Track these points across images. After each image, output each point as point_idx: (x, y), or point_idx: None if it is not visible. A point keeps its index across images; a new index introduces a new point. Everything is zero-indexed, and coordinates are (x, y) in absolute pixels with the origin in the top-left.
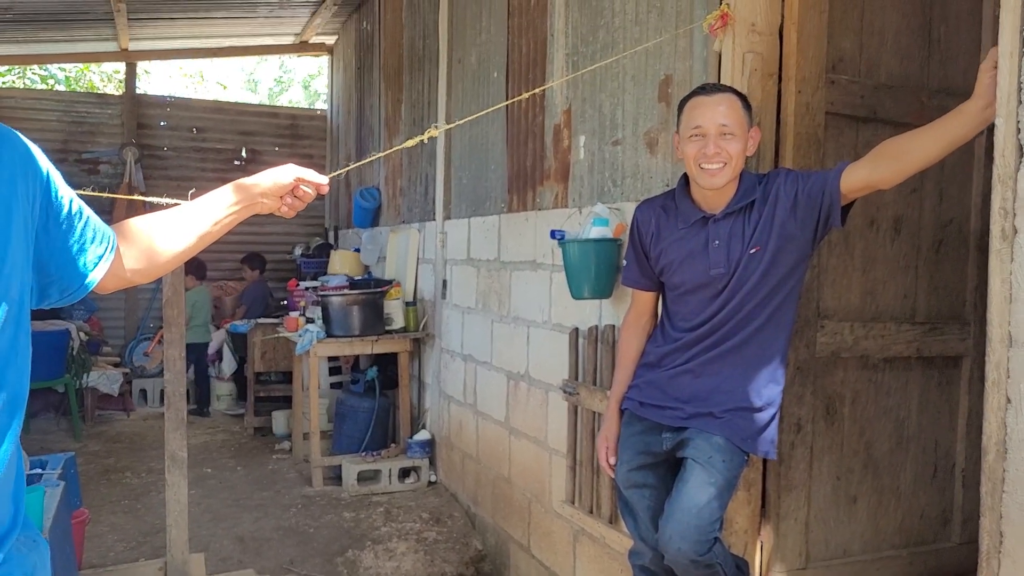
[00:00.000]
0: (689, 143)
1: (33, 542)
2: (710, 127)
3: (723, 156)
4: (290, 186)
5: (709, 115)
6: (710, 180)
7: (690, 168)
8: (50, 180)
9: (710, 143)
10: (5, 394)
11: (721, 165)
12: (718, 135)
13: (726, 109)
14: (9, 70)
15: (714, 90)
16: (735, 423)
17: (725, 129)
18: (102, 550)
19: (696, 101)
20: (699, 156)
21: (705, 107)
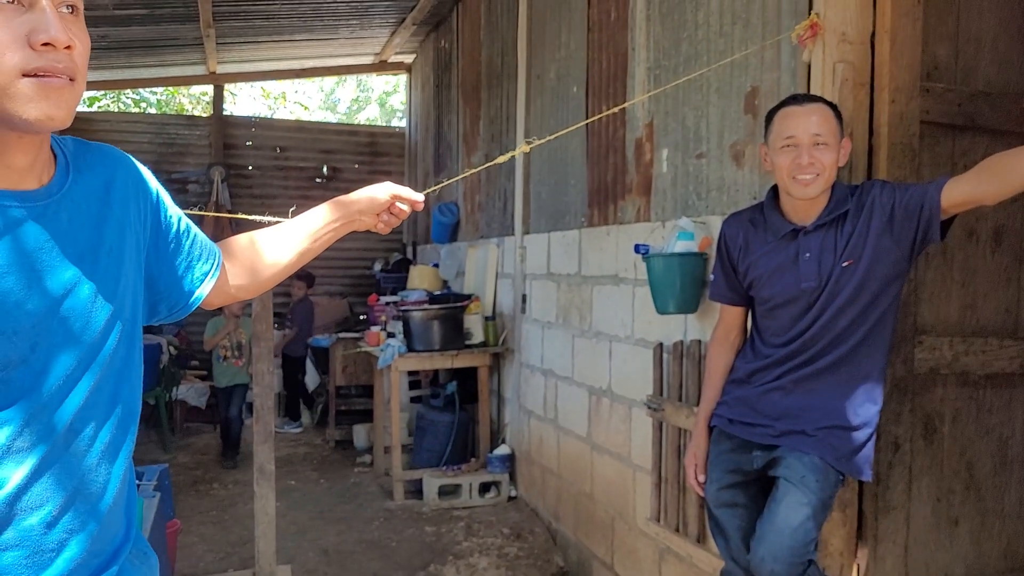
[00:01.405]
0: (781, 154)
1: (144, 555)
2: (803, 137)
3: (817, 167)
4: (387, 203)
5: (802, 125)
6: (803, 191)
7: (782, 179)
8: (160, 200)
9: (803, 153)
10: (120, 409)
11: (814, 176)
12: (811, 145)
13: (819, 119)
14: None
15: (806, 100)
16: (829, 442)
17: (819, 139)
18: (192, 560)
19: (788, 111)
20: (792, 167)
21: (798, 117)
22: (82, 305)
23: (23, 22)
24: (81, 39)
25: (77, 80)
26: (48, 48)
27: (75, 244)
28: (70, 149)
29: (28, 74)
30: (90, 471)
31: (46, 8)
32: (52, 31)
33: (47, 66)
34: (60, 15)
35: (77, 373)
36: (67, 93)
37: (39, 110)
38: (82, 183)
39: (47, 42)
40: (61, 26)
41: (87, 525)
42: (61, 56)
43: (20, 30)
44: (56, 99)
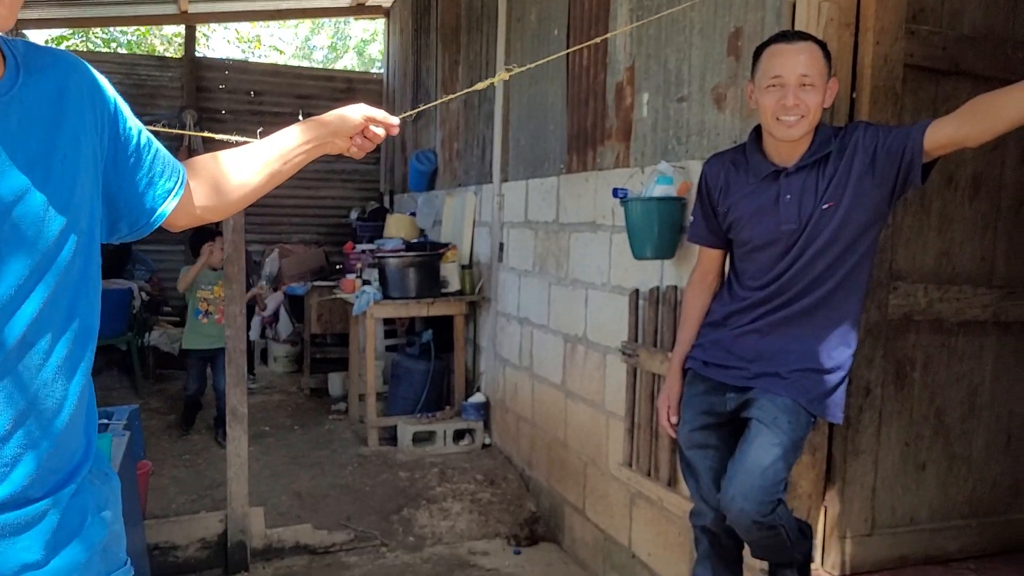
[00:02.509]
0: (766, 93)
1: (105, 475)
2: (790, 77)
3: (802, 108)
4: (360, 125)
5: (790, 64)
6: (787, 132)
7: (765, 119)
8: (118, 111)
9: (789, 94)
10: (77, 323)
11: (799, 117)
12: (798, 86)
13: (807, 58)
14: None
15: (795, 38)
16: (802, 384)
17: (806, 80)
18: (164, 502)
19: (776, 49)
20: (776, 107)
21: (786, 55)
22: (34, 212)
23: None
24: None
25: None
26: None
27: (25, 149)
28: (20, 51)
29: None
30: (45, 386)
31: None
32: None
33: None
34: None
35: (30, 283)
36: None
37: None
38: (33, 86)
39: None
40: None
41: (42, 441)
42: None
43: None
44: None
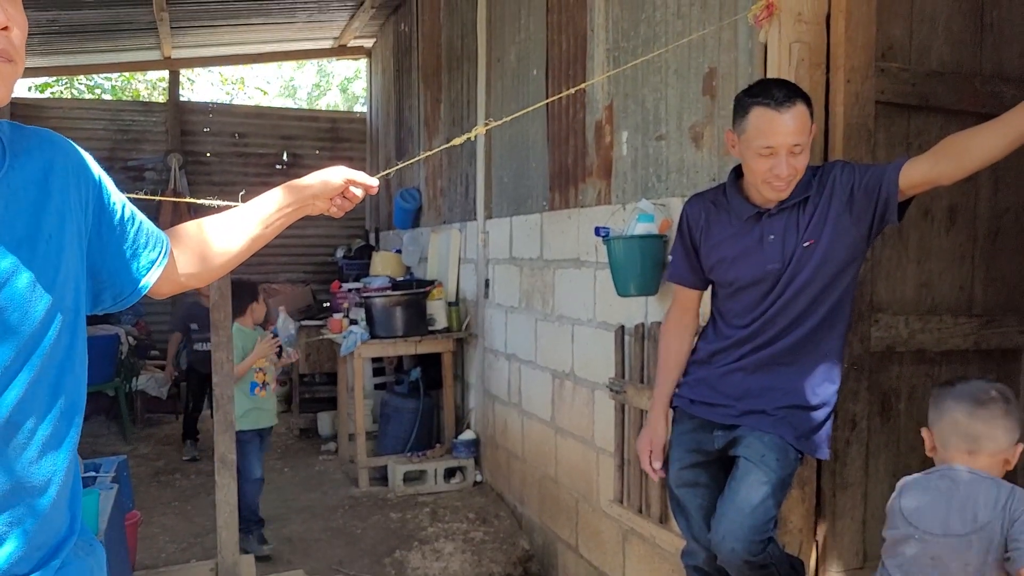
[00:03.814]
0: (758, 159)
1: (90, 546)
2: (781, 148)
3: (793, 174)
4: (340, 187)
5: (781, 135)
6: (777, 195)
7: (754, 179)
8: (102, 186)
9: (782, 163)
10: (63, 400)
11: (789, 181)
12: (789, 154)
13: (797, 126)
14: (57, 80)
15: (784, 100)
16: (789, 421)
17: (797, 149)
18: (154, 551)
19: (766, 116)
20: (769, 175)
21: (777, 125)
22: (20, 295)
23: None
24: (18, 21)
25: (15, 61)
26: None
27: (11, 232)
28: (6, 133)
29: None
30: (30, 465)
31: None
32: None
33: None
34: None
35: (16, 366)
36: (6, 72)
37: None
38: (19, 168)
39: None
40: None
41: (28, 519)
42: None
43: None
44: None
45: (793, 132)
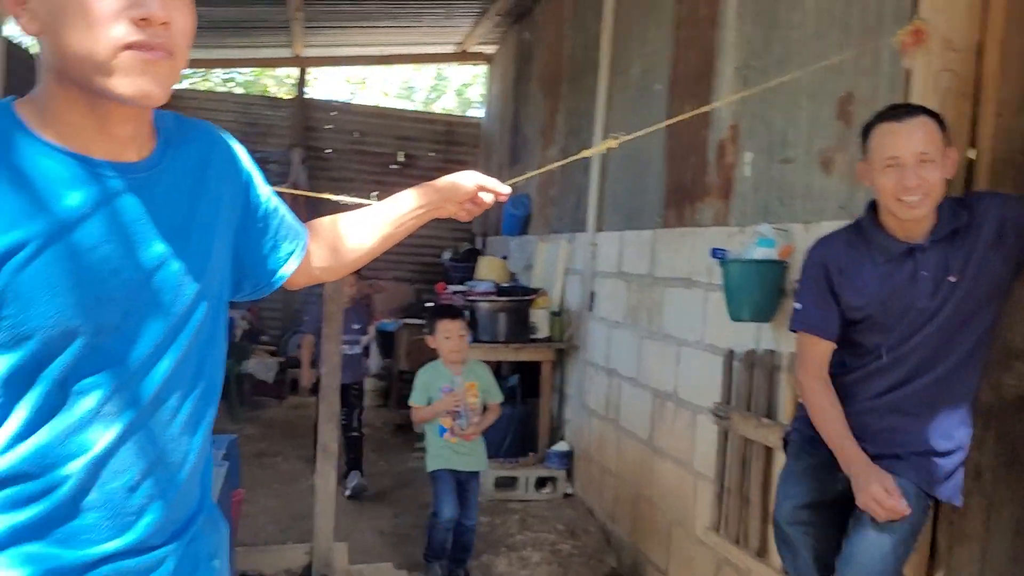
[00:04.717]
0: (884, 174)
1: (216, 523)
2: (908, 156)
3: (924, 187)
4: (472, 192)
5: (904, 143)
6: (910, 212)
7: (886, 200)
8: (252, 180)
9: (909, 174)
10: (204, 384)
11: (922, 196)
12: (917, 164)
13: (924, 134)
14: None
15: (906, 114)
16: (922, 466)
17: (924, 157)
18: (254, 529)
19: (888, 128)
20: (897, 188)
21: (900, 135)
22: (173, 278)
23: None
24: (184, 15)
25: (176, 56)
26: (146, 23)
27: (170, 218)
28: (170, 124)
29: (127, 47)
30: (172, 440)
31: None
32: (150, 6)
33: (145, 40)
34: None
35: (165, 344)
36: (164, 68)
37: (136, 86)
38: (179, 158)
39: (144, 17)
40: (159, 2)
41: (166, 492)
42: (159, 31)
43: (121, 4)
44: (153, 74)
45: (918, 140)
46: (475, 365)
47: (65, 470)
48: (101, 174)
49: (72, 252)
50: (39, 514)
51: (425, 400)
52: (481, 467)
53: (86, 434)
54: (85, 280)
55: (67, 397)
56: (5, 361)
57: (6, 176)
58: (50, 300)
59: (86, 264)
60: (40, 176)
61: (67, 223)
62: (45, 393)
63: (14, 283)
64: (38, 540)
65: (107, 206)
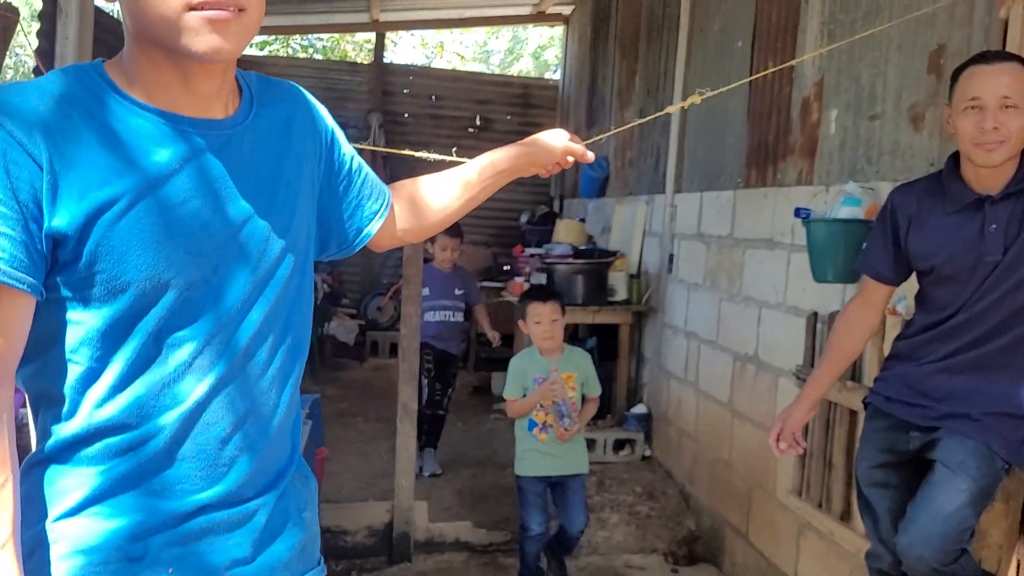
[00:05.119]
0: (964, 116)
1: (305, 478)
2: (990, 99)
3: (1003, 132)
4: (558, 157)
5: (990, 85)
6: (986, 157)
7: (963, 144)
8: (335, 138)
9: (988, 117)
10: (291, 338)
11: (1000, 141)
12: (998, 108)
13: (1010, 79)
14: (275, 39)
15: (996, 58)
16: (995, 427)
17: (1007, 101)
18: (337, 486)
19: (974, 70)
20: (975, 131)
21: (985, 76)
22: (260, 233)
23: None
24: None
25: (248, 10)
26: None
27: (256, 175)
28: (254, 83)
29: (194, 7)
30: (262, 393)
31: None
32: None
33: (208, 0)
34: None
35: (253, 298)
36: (234, 25)
37: (205, 43)
38: (264, 116)
39: None
40: None
41: (256, 444)
42: None
43: None
44: (222, 31)
45: (1004, 84)
46: (574, 353)
47: (160, 421)
48: (188, 131)
49: (162, 207)
50: (136, 464)
51: (520, 392)
52: (579, 469)
53: (180, 385)
54: (175, 234)
55: (161, 349)
56: (102, 314)
57: (98, 134)
58: (142, 253)
59: (176, 218)
60: (130, 134)
61: (157, 179)
62: (140, 345)
63: (108, 238)
64: (134, 490)
65: (195, 162)
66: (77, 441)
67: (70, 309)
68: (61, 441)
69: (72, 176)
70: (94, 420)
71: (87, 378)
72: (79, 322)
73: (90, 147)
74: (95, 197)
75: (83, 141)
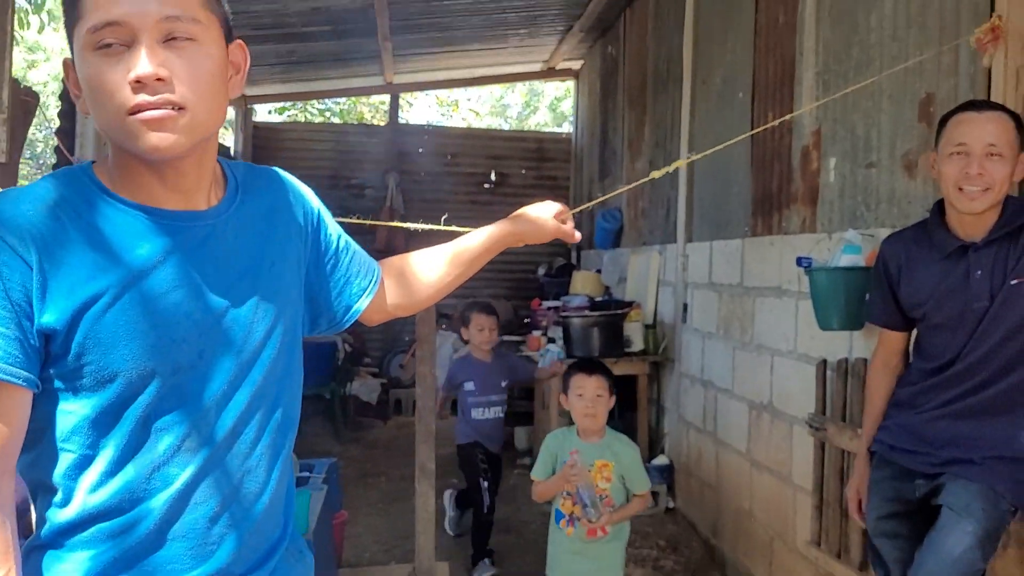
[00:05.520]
0: (949, 161)
1: (299, 553)
2: (976, 145)
3: (986, 179)
4: (548, 236)
5: (976, 132)
6: (969, 204)
7: (946, 189)
8: (321, 220)
9: (974, 163)
10: (279, 414)
11: (983, 189)
12: (984, 155)
13: (996, 128)
14: (293, 104)
15: (984, 107)
16: (998, 470)
17: (993, 149)
18: (359, 549)
19: (962, 117)
20: (959, 176)
21: (972, 123)
22: (244, 317)
23: (127, 63)
24: (192, 63)
25: (189, 108)
26: (141, 85)
27: (239, 261)
28: (240, 173)
29: (131, 112)
30: (250, 471)
31: (141, 45)
32: (138, 68)
33: (142, 102)
34: (158, 48)
35: (239, 380)
36: (170, 123)
37: (145, 143)
38: (249, 204)
39: (136, 79)
40: (153, 61)
41: (245, 522)
42: (157, 88)
43: (123, 72)
44: (161, 129)
45: (989, 132)
46: (616, 441)
47: (151, 503)
48: (171, 224)
49: (145, 298)
50: (127, 547)
51: (548, 472)
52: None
53: (169, 468)
54: (159, 323)
55: (150, 434)
56: (91, 403)
57: (85, 234)
58: (128, 344)
59: (159, 309)
60: (115, 231)
61: (140, 272)
62: (129, 432)
63: (95, 330)
64: (126, 572)
65: (177, 253)
66: (71, 527)
67: (61, 400)
68: (56, 527)
69: (60, 275)
70: (87, 506)
71: (79, 465)
72: (70, 412)
73: (77, 247)
74: (81, 293)
75: (71, 241)
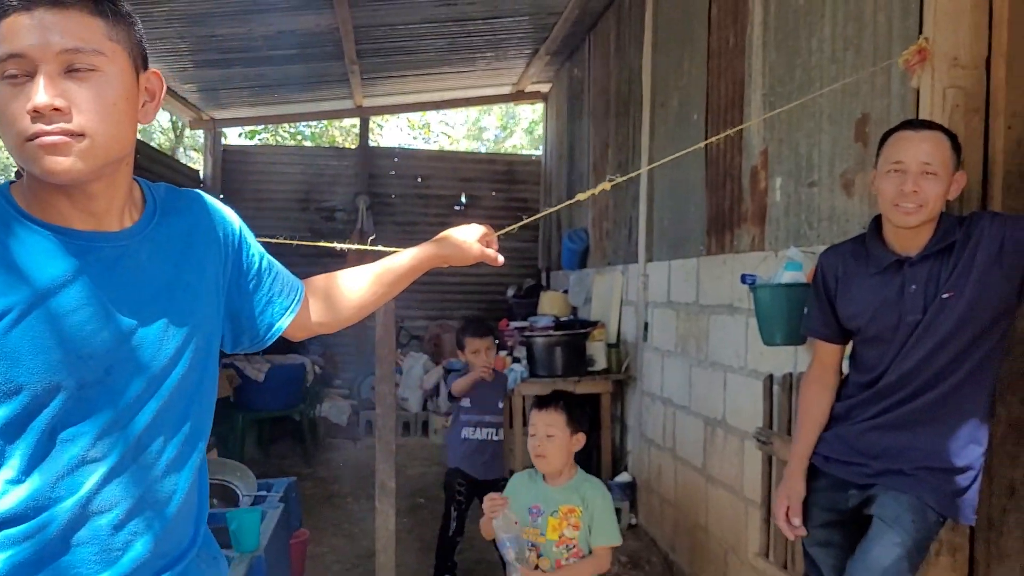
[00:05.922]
0: (886, 178)
1: (213, 558)
2: (911, 163)
3: (921, 196)
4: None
5: (912, 151)
6: (904, 219)
7: (883, 205)
8: (243, 241)
9: (909, 180)
10: (188, 427)
11: (917, 206)
12: (919, 173)
13: (931, 147)
14: (264, 128)
15: (921, 126)
16: (927, 481)
17: (928, 168)
18: (321, 569)
19: (900, 135)
20: (895, 193)
21: (909, 142)
22: (153, 336)
23: (27, 93)
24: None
25: (89, 135)
26: (38, 115)
27: (152, 280)
28: (161, 194)
29: (29, 139)
30: (156, 481)
31: (40, 77)
32: (35, 99)
33: (38, 130)
34: (58, 79)
35: (146, 395)
36: (64, 148)
37: (41, 167)
38: (166, 225)
39: (34, 108)
40: (50, 91)
41: (151, 529)
42: (53, 118)
43: (23, 101)
44: (54, 154)
45: (924, 150)
46: (585, 483)
47: (56, 510)
48: (82, 245)
49: (52, 316)
50: (34, 551)
51: None
52: None
53: (74, 477)
54: (65, 340)
55: (55, 444)
56: None
57: None
58: (34, 358)
59: (66, 326)
60: (25, 251)
61: (47, 291)
62: (35, 442)
63: (2, 345)
64: (38, 575)
65: (87, 273)
66: None
67: None
68: None
69: None
70: None
71: None
72: None
73: None
74: None
75: None
